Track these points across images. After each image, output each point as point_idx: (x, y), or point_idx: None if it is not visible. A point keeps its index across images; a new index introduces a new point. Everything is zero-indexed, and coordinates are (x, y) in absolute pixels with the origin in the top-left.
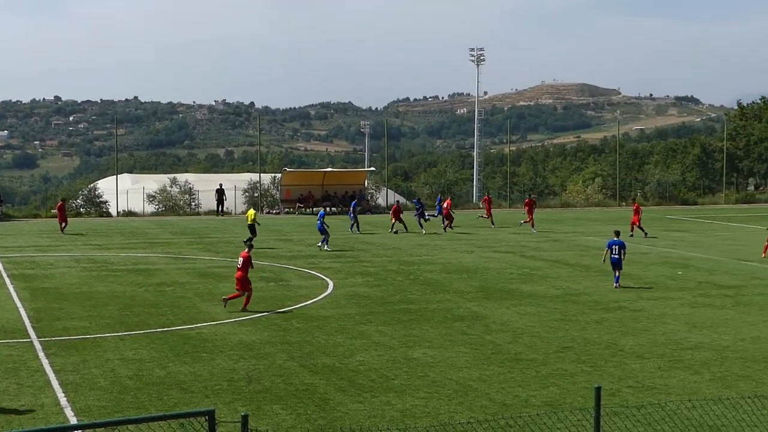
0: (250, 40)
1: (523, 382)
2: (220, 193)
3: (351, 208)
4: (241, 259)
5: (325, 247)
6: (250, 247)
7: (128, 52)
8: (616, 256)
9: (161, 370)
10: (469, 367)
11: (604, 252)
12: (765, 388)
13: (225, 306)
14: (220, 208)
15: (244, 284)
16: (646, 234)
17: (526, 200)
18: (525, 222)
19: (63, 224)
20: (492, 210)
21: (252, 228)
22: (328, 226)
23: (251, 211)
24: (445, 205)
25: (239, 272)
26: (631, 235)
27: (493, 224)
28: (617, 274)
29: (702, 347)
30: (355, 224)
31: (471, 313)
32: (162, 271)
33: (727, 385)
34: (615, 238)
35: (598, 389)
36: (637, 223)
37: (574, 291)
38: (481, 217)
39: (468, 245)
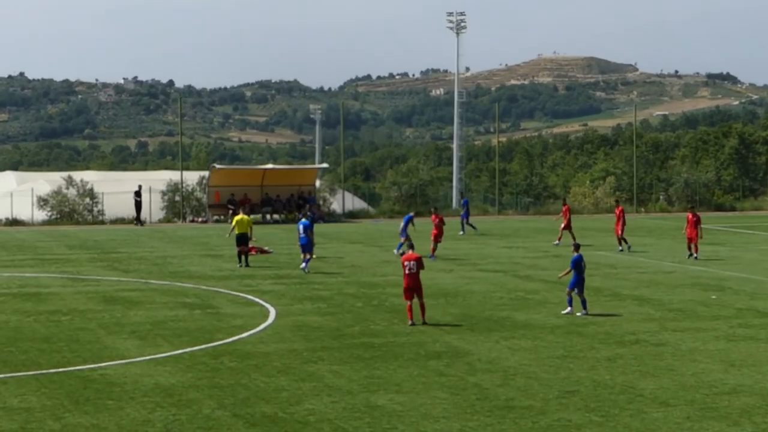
0: (168, 2)
1: None
2: (139, 196)
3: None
4: (413, 262)
5: (304, 267)
6: (411, 246)
7: (12, 19)
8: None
9: (55, 422)
10: (447, 417)
11: (567, 271)
12: None
13: (412, 324)
14: (139, 217)
15: (420, 290)
16: (626, 246)
17: (565, 207)
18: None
19: None
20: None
21: (243, 238)
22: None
23: (245, 216)
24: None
25: (413, 279)
26: (621, 249)
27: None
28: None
29: (742, 391)
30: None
31: (450, 349)
32: (56, 295)
33: None
34: (578, 253)
35: None
36: (620, 234)
37: (581, 320)
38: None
39: (446, 262)
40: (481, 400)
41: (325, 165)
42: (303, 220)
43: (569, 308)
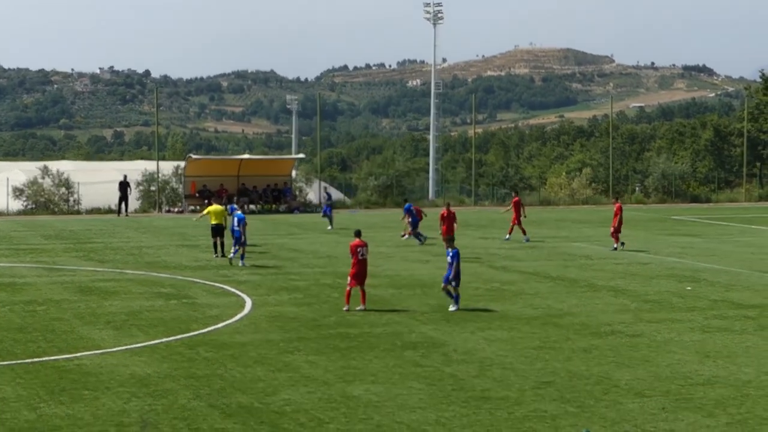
0: None
1: (492, 426)
2: (125, 187)
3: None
4: (364, 248)
5: (240, 263)
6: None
7: None
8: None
9: (30, 412)
10: (423, 407)
11: (455, 267)
12: None
13: (347, 309)
14: (123, 208)
15: (364, 278)
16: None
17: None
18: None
19: None
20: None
21: (219, 228)
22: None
23: (219, 207)
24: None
25: (363, 266)
26: (527, 240)
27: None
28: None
29: (717, 382)
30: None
31: (426, 339)
32: (31, 285)
33: (749, 431)
34: (456, 247)
35: None
36: (515, 223)
37: (557, 311)
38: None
39: (422, 253)
40: (456, 390)
41: (301, 155)
42: (238, 213)
43: (455, 306)
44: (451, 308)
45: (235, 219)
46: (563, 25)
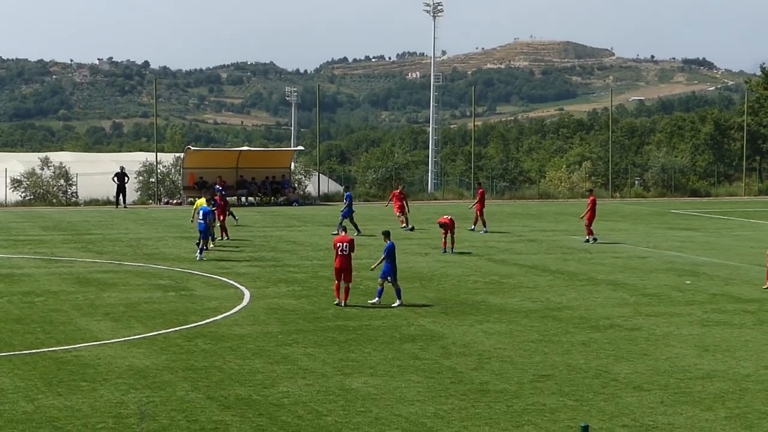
0: None
1: (490, 419)
2: (122, 178)
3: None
4: (346, 244)
5: (198, 256)
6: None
7: None
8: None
9: (28, 403)
10: (422, 400)
11: (380, 260)
12: None
13: (345, 305)
14: (121, 199)
15: (349, 273)
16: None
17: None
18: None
19: None
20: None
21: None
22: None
23: (203, 201)
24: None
25: (344, 261)
26: (472, 229)
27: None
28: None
29: (716, 376)
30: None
31: (425, 332)
32: (30, 276)
33: (748, 425)
34: (390, 241)
35: (586, 429)
36: (478, 213)
37: (555, 304)
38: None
39: (422, 245)
40: (455, 383)
41: (300, 148)
42: (204, 206)
43: (377, 299)
44: (371, 301)
45: (201, 212)
46: (563, 18)
